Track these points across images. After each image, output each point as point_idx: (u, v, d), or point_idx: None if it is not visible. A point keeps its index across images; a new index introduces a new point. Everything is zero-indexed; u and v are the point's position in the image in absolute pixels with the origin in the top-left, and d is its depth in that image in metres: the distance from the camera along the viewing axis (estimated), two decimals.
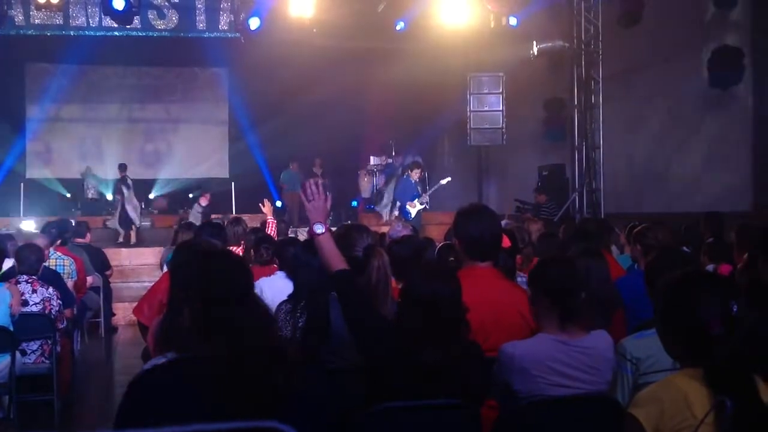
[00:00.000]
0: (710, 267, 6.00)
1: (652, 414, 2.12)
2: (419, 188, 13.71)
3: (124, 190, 14.84)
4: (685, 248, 6.43)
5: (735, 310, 2.21)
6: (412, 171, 13.92)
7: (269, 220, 8.49)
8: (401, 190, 13.85)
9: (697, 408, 2.07)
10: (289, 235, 8.71)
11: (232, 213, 14.65)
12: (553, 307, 3.09)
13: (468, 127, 14.20)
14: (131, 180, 15.24)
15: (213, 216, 13.81)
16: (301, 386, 2.24)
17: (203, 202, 15.33)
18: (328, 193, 3.30)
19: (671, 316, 2.29)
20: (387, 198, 15.60)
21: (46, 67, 18.26)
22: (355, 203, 17.60)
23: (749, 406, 2.03)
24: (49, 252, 7.39)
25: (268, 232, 7.93)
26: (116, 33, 14.24)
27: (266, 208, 8.62)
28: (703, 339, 2.14)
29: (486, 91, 14.05)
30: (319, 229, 3.14)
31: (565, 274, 3.14)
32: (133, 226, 14.70)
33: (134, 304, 5.81)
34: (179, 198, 17.85)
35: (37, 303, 5.96)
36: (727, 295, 2.23)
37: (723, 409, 2.00)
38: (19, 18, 13.49)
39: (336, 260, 3.10)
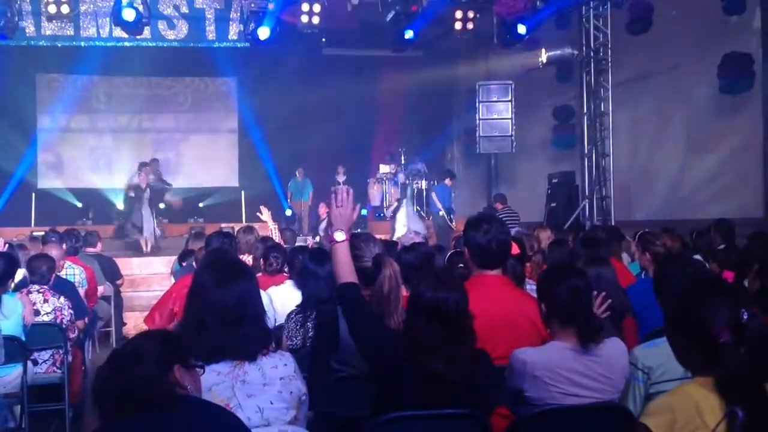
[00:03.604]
0: None
1: (663, 423, 2.11)
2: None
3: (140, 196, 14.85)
4: (697, 256, 6.41)
5: (745, 317, 2.19)
6: (448, 179, 14.63)
7: (271, 228, 8.46)
8: (443, 197, 14.17)
9: (709, 417, 2.06)
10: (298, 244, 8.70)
11: (242, 222, 14.67)
12: (567, 318, 3.08)
13: (477, 134, 14.22)
14: (149, 186, 15.15)
15: (223, 225, 13.82)
16: None
17: None
18: (357, 204, 3.31)
19: (680, 324, 2.28)
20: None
21: (56, 77, 18.38)
22: (364, 212, 17.61)
23: (761, 415, 2.02)
24: (64, 263, 7.41)
25: (272, 237, 7.91)
26: (126, 43, 14.31)
27: (265, 214, 8.58)
28: (713, 347, 2.13)
29: (495, 99, 14.08)
30: (340, 236, 3.14)
31: (577, 285, 3.12)
32: (145, 237, 14.68)
33: (145, 314, 5.84)
34: (190, 207, 17.90)
35: (49, 313, 5.98)
36: (736, 303, 2.22)
37: (734, 418, 1.99)
38: (30, 29, 13.58)
39: (346, 272, 3.11)
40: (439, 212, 14.28)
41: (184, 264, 8.21)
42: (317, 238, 12.66)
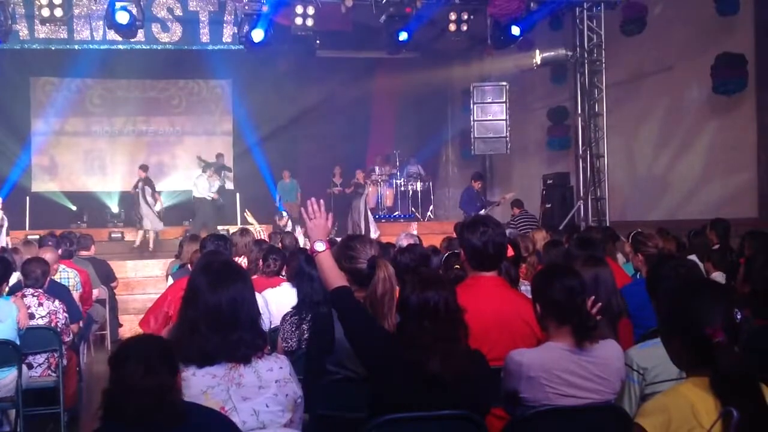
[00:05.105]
0: (716, 275, 5.98)
1: (659, 423, 2.11)
2: (482, 198, 14.02)
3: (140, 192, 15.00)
4: (692, 256, 6.42)
5: (739, 317, 2.20)
6: (474, 182, 14.18)
7: (257, 230, 8.45)
8: (466, 201, 13.99)
9: (704, 417, 2.06)
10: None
11: (236, 224, 14.66)
12: (562, 317, 3.08)
13: (471, 136, 14.23)
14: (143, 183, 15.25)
15: (218, 227, 13.81)
16: None
17: None
18: (330, 212, 3.36)
19: (674, 325, 2.28)
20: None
21: (51, 80, 18.36)
22: None
23: (756, 415, 2.02)
24: (57, 267, 7.40)
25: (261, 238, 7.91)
26: (120, 46, 14.30)
27: (250, 217, 8.59)
28: (708, 347, 2.13)
29: (489, 101, 14.08)
30: (320, 247, 3.19)
31: (572, 284, 3.12)
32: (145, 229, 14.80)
33: (140, 316, 5.82)
34: (184, 209, 17.86)
35: (44, 316, 5.97)
36: (730, 303, 2.22)
37: (730, 418, 1.99)
38: (24, 32, 13.56)
39: (334, 278, 3.14)
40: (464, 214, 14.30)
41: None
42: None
